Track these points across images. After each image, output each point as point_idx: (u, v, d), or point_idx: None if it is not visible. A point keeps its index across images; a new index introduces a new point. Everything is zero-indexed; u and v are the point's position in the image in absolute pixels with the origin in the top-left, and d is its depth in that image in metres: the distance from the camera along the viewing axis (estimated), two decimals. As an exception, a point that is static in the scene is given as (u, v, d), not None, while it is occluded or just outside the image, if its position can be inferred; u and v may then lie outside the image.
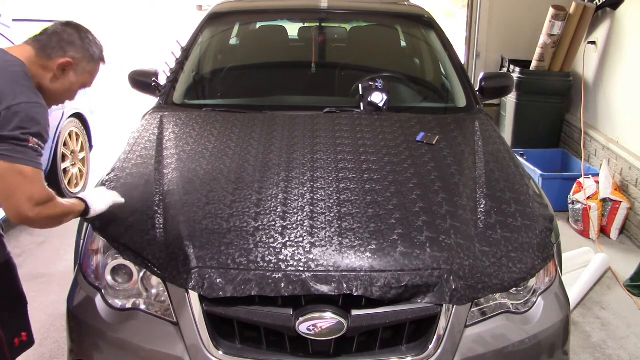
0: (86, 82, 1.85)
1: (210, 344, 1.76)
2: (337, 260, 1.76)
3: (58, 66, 1.73)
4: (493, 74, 3.53)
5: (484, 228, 1.96)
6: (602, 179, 4.20)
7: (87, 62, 1.81)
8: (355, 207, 1.99)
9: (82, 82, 1.83)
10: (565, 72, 5.20)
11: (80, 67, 1.79)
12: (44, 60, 1.72)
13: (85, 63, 1.80)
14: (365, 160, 2.32)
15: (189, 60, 3.23)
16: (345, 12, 3.68)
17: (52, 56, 1.72)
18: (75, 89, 1.83)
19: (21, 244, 3.98)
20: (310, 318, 1.70)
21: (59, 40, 1.74)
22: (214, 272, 1.75)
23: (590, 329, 3.08)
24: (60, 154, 4.40)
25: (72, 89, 1.82)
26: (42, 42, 1.73)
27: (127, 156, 2.40)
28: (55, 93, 1.78)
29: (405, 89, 3.30)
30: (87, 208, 1.86)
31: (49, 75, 1.73)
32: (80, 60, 1.78)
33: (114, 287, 1.91)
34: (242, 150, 2.40)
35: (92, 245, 2.00)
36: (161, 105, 2.97)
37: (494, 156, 2.45)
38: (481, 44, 6.00)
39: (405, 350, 1.78)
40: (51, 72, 1.73)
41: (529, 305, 1.92)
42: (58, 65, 1.73)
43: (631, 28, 4.41)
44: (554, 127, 5.37)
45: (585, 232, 4.19)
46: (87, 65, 1.81)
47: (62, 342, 2.89)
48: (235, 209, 1.98)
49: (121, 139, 3.11)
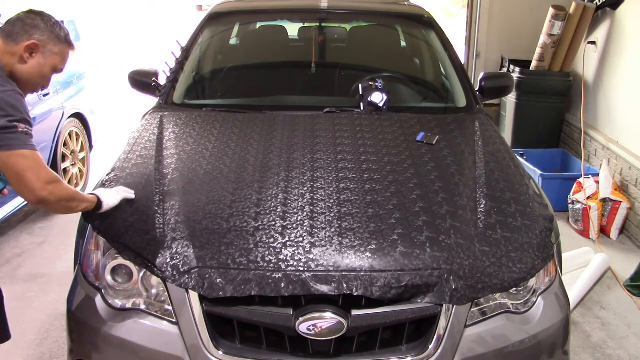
0: (56, 65, 1.88)
1: (210, 344, 1.76)
2: (337, 260, 1.76)
3: (25, 49, 1.78)
4: (493, 74, 3.53)
5: (484, 228, 1.96)
6: (602, 179, 4.20)
7: (54, 43, 1.85)
8: (355, 207, 1.99)
9: (52, 64, 1.87)
10: (565, 72, 5.20)
11: (47, 49, 1.83)
12: (12, 46, 1.78)
13: (51, 45, 1.84)
14: (365, 160, 2.32)
15: (189, 60, 3.23)
16: (345, 12, 3.68)
17: (18, 41, 1.78)
18: (46, 71, 1.86)
19: (21, 244, 3.98)
20: (310, 318, 1.70)
21: (23, 25, 1.80)
22: (214, 272, 1.75)
23: (590, 329, 3.08)
24: (60, 154, 4.40)
25: (43, 71, 1.85)
26: (7, 31, 1.80)
27: (127, 156, 2.40)
28: (27, 78, 1.82)
29: (405, 89, 3.30)
30: (100, 202, 1.93)
31: (17, 59, 1.79)
32: (45, 42, 1.82)
33: (114, 287, 1.91)
34: (242, 150, 2.40)
35: (92, 245, 2.00)
36: (161, 105, 2.97)
37: (494, 156, 2.45)
38: (481, 44, 6.00)
39: (405, 350, 1.78)
40: (19, 57, 1.79)
41: (529, 305, 1.91)
42: (25, 48, 1.78)
43: (631, 28, 4.42)
44: (554, 127, 5.37)
45: (585, 232, 4.19)
46: (54, 47, 1.85)
47: (62, 342, 2.89)
48: (235, 208, 1.98)
49: (121, 139, 3.11)
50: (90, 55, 6.29)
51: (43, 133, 4.18)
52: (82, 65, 5.39)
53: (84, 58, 5.93)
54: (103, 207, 1.94)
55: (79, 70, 5.12)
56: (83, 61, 5.71)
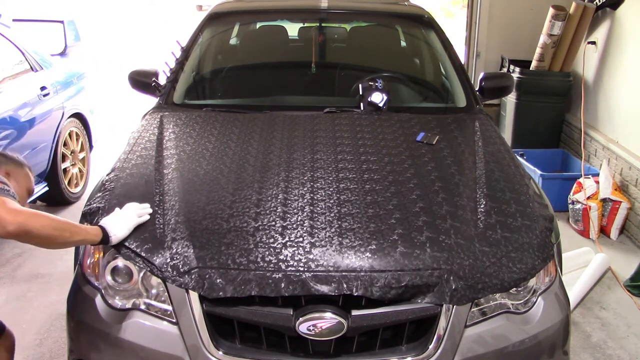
0: (29, 186, 2.08)
1: (210, 344, 1.76)
2: (337, 260, 1.76)
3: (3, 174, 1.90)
4: (493, 74, 3.53)
5: (484, 228, 1.96)
6: (602, 179, 4.20)
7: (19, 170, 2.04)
8: (355, 207, 1.99)
9: (27, 187, 2.05)
10: (565, 72, 5.20)
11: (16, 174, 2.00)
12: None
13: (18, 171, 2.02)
14: (365, 160, 2.32)
15: (189, 60, 3.23)
16: (345, 12, 3.68)
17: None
18: (23, 195, 1.99)
19: (21, 244, 3.96)
20: (310, 318, 1.70)
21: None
22: (214, 272, 1.75)
23: (590, 329, 3.08)
24: (60, 154, 4.40)
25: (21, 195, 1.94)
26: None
27: (127, 156, 2.40)
28: None
29: (405, 89, 3.30)
30: (107, 236, 1.81)
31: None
32: (13, 169, 2.00)
33: (114, 287, 1.91)
34: (242, 150, 2.40)
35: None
36: (161, 105, 2.97)
37: (494, 156, 2.45)
38: (481, 44, 6.00)
39: (405, 350, 1.78)
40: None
41: (529, 305, 1.91)
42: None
43: (631, 28, 4.42)
44: (554, 127, 5.37)
45: (585, 232, 4.19)
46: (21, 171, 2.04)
47: (62, 342, 2.89)
48: (235, 209, 1.98)
49: (121, 139, 3.11)
50: (90, 55, 6.28)
51: (43, 133, 4.18)
52: (82, 65, 5.39)
53: (84, 58, 5.94)
54: (111, 241, 1.82)
55: (79, 70, 5.12)
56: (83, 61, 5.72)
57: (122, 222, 1.87)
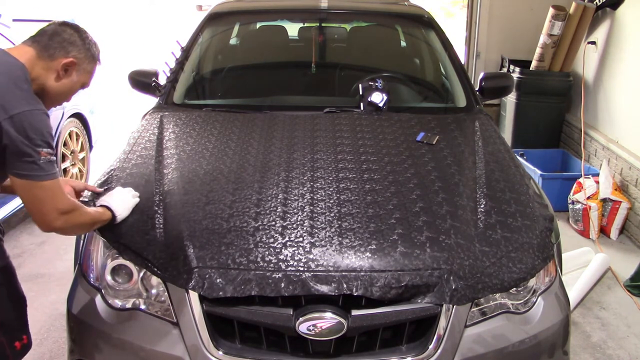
0: (85, 82, 1.84)
1: (210, 344, 1.76)
2: (337, 260, 1.76)
3: (62, 66, 1.72)
4: (493, 74, 3.53)
5: (484, 228, 1.96)
6: (602, 179, 4.20)
7: (88, 62, 1.81)
8: (355, 207, 1.99)
9: (82, 82, 1.83)
10: (565, 72, 5.20)
11: (82, 67, 1.79)
12: (46, 61, 1.70)
13: (86, 63, 1.80)
14: (365, 160, 2.32)
15: (189, 60, 3.23)
16: (345, 12, 3.68)
17: (54, 56, 1.71)
18: (76, 89, 1.83)
19: (21, 244, 3.98)
20: (310, 318, 1.70)
21: (61, 41, 1.73)
22: (214, 272, 1.75)
23: (590, 329, 3.08)
24: (60, 154, 4.40)
25: (74, 89, 1.81)
26: (42, 43, 1.71)
27: (127, 156, 2.40)
28: (57, 94, 1.77)
29: (405, 89, 3.30)
30: (114, 216, 1.91)
31: (52, 76, 1.72)
32: (82, 60, 1.77)
33: (114, 287, 1.91)
34: (242, 150, 2.40)
35: (92, 245, 1.99)
36: (161, 105, 2.97)
37: (494, 156, 2.45)
38: (481, 44, 6.00)
39: (405, 350, 1.78)
40: (54, 73, 1.72)
41: (529, 305, 1.92)
42: (62, 66, 1.72)
43: (631, 28, 4.42)
44: (554, 127, 5.37)
45: (585, 232, 4.19)
46: (88, 65, 1.81)
47: (62, 342, 2.89)
48: (235, 208, 1.98)
49: (121, 139, 3.11)
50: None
51: (43, 133, 4.18)
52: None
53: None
54: (116, 220, 1.92)
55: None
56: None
57: (124, 203, 1.95)
